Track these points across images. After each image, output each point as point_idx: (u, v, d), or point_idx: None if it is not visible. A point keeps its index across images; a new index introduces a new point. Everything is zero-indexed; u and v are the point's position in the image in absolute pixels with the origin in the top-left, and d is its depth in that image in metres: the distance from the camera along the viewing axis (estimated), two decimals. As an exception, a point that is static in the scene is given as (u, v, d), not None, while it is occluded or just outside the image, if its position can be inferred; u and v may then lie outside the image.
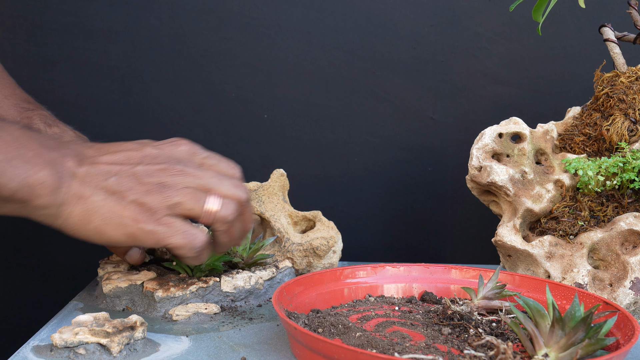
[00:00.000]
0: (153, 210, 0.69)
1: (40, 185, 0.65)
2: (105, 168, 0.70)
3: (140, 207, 0.69)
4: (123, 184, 0.69)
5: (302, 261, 0.95)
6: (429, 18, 1.21)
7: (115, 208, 0.68)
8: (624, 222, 0.83)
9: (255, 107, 1.23)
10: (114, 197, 0.69)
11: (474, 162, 0.91)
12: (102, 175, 0.69)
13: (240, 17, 1.21)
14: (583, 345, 0.58)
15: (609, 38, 0.95)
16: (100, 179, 0.69)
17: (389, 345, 0.62)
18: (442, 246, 1.27)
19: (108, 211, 0.68)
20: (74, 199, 0.68)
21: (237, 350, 0.69)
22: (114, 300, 0.81)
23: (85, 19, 1.20)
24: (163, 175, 0.71)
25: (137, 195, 0.69)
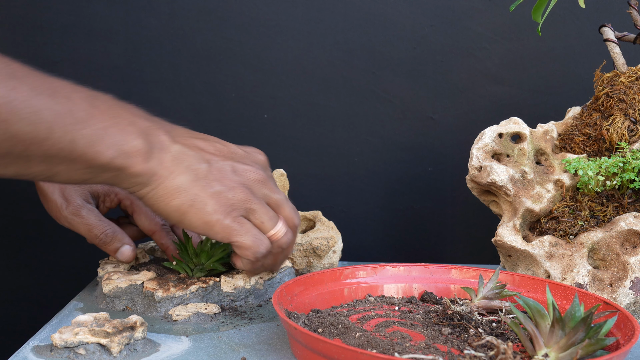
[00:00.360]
0: (233, 206, 0.71)
1: (135, 153, 0.67)
2: (198, 152, 0.72)
3: (223, 200, 0.71)
4: (212, 173, 0.71)
5: (302, 261, 0.95)
6: (429, 18, 1.21)
7: (202, 193, 0.70)
8: (624, 222, 0.83)
9: (255, 107, 1.23)
10: (202, 183, 0.70)
11: (474, 162, 0.91)
12: (195, 158, 0.71)
13: (240, 17, 1.21)
14: (583, 346, 0.58)
15: (609, 38, 0.95)
16: (192, 161, 0.71)
17: (389, 345, 0.62)
18: (442, 246, 1.27)
19: (194, 194, 0.70)
20: (166, 172, 0.69)
21: (237, 350, 0.69)
22: (114, 300, 0.81)
23: (85, 19, 1.20)
24: (247, 177, 0.74)
25: (222, 188, 0.71)
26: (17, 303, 1.29)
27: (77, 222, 0.85)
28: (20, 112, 0.59)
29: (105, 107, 0.67)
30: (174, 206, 0.70)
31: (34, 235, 1.26)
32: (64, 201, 0.85)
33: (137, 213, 0.90)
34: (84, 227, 0.85)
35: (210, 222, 0.70)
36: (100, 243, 0.86)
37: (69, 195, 0.86)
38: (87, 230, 0.85)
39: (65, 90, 0.64)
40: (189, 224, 0.71)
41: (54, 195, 0.86)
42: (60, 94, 0.63)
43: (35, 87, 0.61)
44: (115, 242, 0.86)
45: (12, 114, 0.59)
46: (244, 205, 0.72)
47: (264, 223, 0.73)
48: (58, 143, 0.62)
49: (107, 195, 0.89)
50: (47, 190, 0.86)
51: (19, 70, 0.61)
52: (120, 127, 0.67)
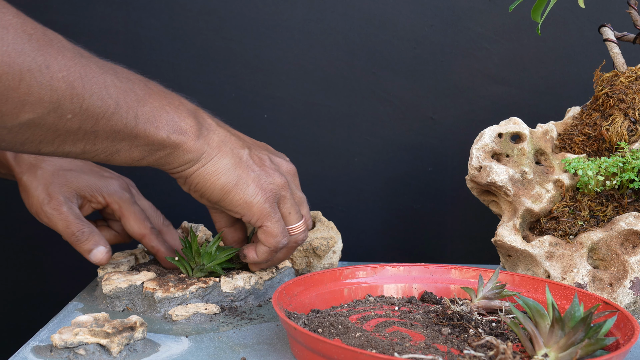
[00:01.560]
0: (268, 191, 0.77)
1: (188, 130, 0.72)
2: (239, 140, 0.77)
3: (263, 184, 0.76)
4: (252, 159, 0.77)
5: (301, 261, 0.95)
6: (429, 18, 1.21)
7: (245, 174, 0.75)
8: (624, 222, 0.83)
9: (255, 107, 1.23)
10: (244, 165, 0.76)
11: (473, 162, 0.91)
12: (237, 143, 0.77)
13: (240, 17, 1.21)
14: (583, 345, 0.58)
15: (609, 38, 0.95)
16: (235, 145, 0.76)
17: (388, 345, 0.62)
18: (442, 246, 1.27)
19: (238, 175, 0.75)
20: (214, 151, 0.74)
21: (237, 350, 0.69)
22: (114, 300, 0.81)
23: (85, 19, 1.20)
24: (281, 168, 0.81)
25: (261, 173, 0.77)
26: (17, 303, 1.29)
27: (56, 217, 0.84)
28: (92, 88, 0.63)
29: (158, 89, 0.72)
30: (220, 184, 0.74)
31: (34, 236, 1.26)
32: (47, 196, 0.85)
33: (126, 217, 0.89)
34: (62, 223, 0.84)
35: (250, 202, 0.75)
36: (75, 241, 0.85)
37: (52, 191, 0.85)
38: (64, 226, 0.84)
39: (124, 71, 0.69)
40: (230, 202, 0.76)
41: (37, 191, 0.85)
42: (121, 74, 0.68)
43: (102, 66, 0.65)
44: (90, 242, 0.85)
45: (85, 89, 0.62)
46: (279, 192, 0.78)
47: (290, 214, 0.79)
48: (124, 118, 0.66)
49: (94, 196, 0.89)
50: (30, 185, 0.86)
51: (84, 51, 0.65)
52: (173, 106, 0.72)
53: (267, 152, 0.81)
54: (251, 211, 0.76)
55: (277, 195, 0.78)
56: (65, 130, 0.63)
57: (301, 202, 0.82)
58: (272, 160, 0.80)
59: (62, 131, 0.63)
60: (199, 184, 0.75)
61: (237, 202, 0.76)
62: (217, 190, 0.75)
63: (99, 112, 0.64)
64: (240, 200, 0.75)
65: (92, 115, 0.63)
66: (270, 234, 0.78)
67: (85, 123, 0.64)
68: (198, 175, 0.74)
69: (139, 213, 0.89)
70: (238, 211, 0.77)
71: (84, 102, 0.62)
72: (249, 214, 0.76)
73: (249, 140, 0.82)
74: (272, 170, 0.78)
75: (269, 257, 0.81)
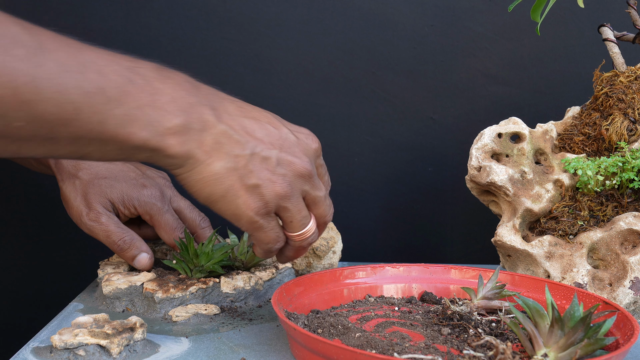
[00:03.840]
0: (267, 204, 0.68)
1: (172, 133, 0.62)
2: (244, 137, 0.67)
3: (258, 195, 0.67)
4: (253, 162, 0.67)
5: (301, 262, 0.95)
6: (429, 18, 1.21)
7: (237, 184, 0.66)
8: (624, 221, 0.83)
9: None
10: (240, 173, 0.66)
11: (473, 162, 0.91)
12: (238, 143, 0.66)
13: (240, 17, 1.21)
14: (582, 345, 0.58)
15: (608, 38, 0.95)
16: (234, 146, 0.66)
17: (388, 345, 0.62)
18: (442, 246, 1.27)
19: (229, 185, 0.66)
20: (203, 156, 0.65)
21: (237, 351, 0.69)
22: (114, 301, 0.81)
23: (85, 19, 1.20)
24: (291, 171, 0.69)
25: (260, 181, 0.67)
26: (17, 304, 1.29)
27: (97, 228, 0.86)
28: (45, 92, 0.55)
29: (144, 82, 0.62)
30: (206, 193, 0.66)
31: (34, 236, 1.26)
32: (85, 208, 0.86)
33: (157, 228, 0.90)
34: (103, 234, 0.86)
35: (238, 214, 0.68)
36: (118, 250, 0.86)
37: (91, 201, 0.86)
38: (105, 236, 0.86)
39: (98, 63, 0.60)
40: (218, 211, 0.68)
41: (76, 202, 0.87)
42: (91, 69, 0.59)
43: (64, 63, 0.57)
44: (132, 249, 0.86)
45: (36, 94, 0.55)
46: (278, 203, 0.68)
47: (292, 223, 0.71)
48: (86, 124, 0.58)
49: (127, 207, 0.89)
50: (69, 196, 0.87)
51: (49, 42, 0.57)
52: (158, 105, 0.62)
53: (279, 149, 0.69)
54: (239, 222, 0.69)
55: (276, 205, 0.69)
56: (18, 136, 0.57)
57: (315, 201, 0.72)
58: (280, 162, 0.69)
59: (14, 137, 0.57)
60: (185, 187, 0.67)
61: (225, 212, 0.68)
62: (204, 198, 0.67)
63: (55, 118, 0.56)
64: (227, 210, 0.68)
65: (47, 122, 0.56)
66: (259, 243, 0.71)
67: (39, 130, 0.57)
68: (184, 179, 0.66)
69: (170, 223, 0.89)
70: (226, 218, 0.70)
71: (34, 108, 0.55)
72: (238, 224, 0.69)
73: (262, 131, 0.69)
74: (274, 177, 0.68)
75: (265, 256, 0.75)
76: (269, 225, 0.69)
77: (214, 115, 0.66)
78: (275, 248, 0.72)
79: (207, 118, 0.65)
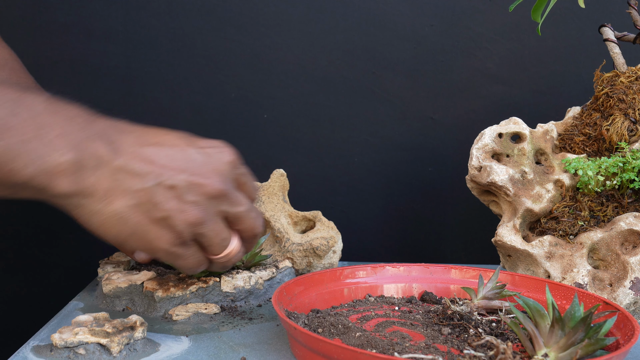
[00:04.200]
0: (180, 233, 0.63)
1: (60, 171, 0.58)
2: (145, 168, 0.62)
3: (169, 226, 0.63)
4: (159, 195, 0.62)
5: (302, 261, 0.95)
6: (429, 18, 1.21)
7: (144, 221, 0.62)
8: (624, 222, 0.83)
9: (255, 107, 1.23)
10: (145, 208, 0.62)
11: (473, 162, 0.91)
12: (139, 177, 0.61)
13: (240, 17, 1.21)
14: (583, 345, 0.58)
15: (609, 38, 0.95)
16: (134, 181, 0.61)
17: (388, 345, 0.62)
18: (442, 246, 1.27)
19: (135, 222, 0.62)
20: (102, 195, 0.60)
21: (237, 350, 0.69)
22: (114, 300, 0.81)
23: (85, 19, 1.20)
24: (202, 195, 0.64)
25: (169, 212, 0.62)
26: (17, 303, 1.29)
27: None
28: None
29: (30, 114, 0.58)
30: (112, 234, 0.62)
31: (34, 236, 1.26)
32: None
33: None
34: None
35: (152, 249, 0.64)
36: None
37: None
38: None
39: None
40: (130, 248, 0.64)
41: None
42: None
43: None
44: None
45: None
46: (192, 230, 0.64)
47: (211, 246, 0.67)
48: None
49: None
50: None
51: None
52: (45, 139, 0.57)
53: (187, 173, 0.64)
54: (156, 255, 0.65)
55: (191, 233, 0.64)
56: None
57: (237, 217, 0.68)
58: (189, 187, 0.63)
59: None
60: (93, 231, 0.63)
61: (138, 248, 0.64)
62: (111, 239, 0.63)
63: None
64: (140, 246, 0.63)
65: None
66: (181, 268, 0.68)
67: None
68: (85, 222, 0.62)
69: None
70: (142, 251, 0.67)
71: None
72: (155, 257, 0.66)
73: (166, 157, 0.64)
74: (184, 205, 0.63)
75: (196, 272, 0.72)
76: (188, 252, 0.66)
77: (109, 149, 0.61)
78: (197, 271, 0.70)
79: (102, 153, 0.60)
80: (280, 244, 0.95)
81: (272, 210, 0.96)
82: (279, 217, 0.96)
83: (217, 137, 1.26)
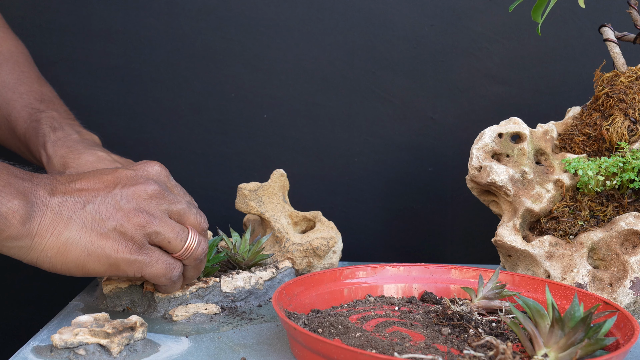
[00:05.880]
0: (134, 238, 0.67)
1: (12, 215, 0.62)
2: (80, 195, 0.67)
3: (121, 235, 0.67)
4: (100, 211, 0.67)
5: (302, 261, 0.95)
6: (429, 18, 1.21)
7: (95, 238, 0.66)
8: (624, 222, 0.83)
9: (255, 107, 1.23)
10: (92, 226, 0.66)
11: (473, 162, 0.91)
12: (77, 204, 0.66)
13: (240, 17, 1.21)
14: (582, 345, 0.58)
15: (609, 38, 0.95)
16: (75, 207, 0.66)
17: (388, 345, 0.62)
18: (442, 246, 1.27)
19: (87, 242, 0.66)
20: (49, 230, 0.65)
21: (237, 350, 0.69)
22: (114, 300, 0.81)
23: (85, 19, 1.20)
24: (140, 198, 0.69)
25: (115, 222, 0.67)
26: (18, 303, 1.29)
27: None
28: None
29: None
30: (72, 262, 0.66)
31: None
32: None
33: None
34: None
35: (115, 263, 0.67)
36: None
37: None
38: None
39: None
40: (96, 272, 0.67)
41: None
42: None
43: None
44: None
45: None
46: (144, 231, 0.68)
47: (171, 242, 0.70)
48: None
49: None
50: None
51: None
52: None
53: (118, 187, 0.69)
54: (121, 270, 0.68)
55: (144, 235, 0.68)
56: None
57: (181, 214, 0.72)
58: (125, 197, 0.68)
59: None
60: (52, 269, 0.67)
61: (101, 269, 0.67)
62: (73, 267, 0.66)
63: None
64: (102, 266, 0.67)
65: None
66: (155, 278, 0.70)
67: None
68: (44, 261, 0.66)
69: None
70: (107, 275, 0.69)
71: None
72: (121, 273, 0.68)
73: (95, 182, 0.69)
74: (126, 213, 0.67)
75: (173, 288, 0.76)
76: (151, 258, 0.69)
77: (47, 191, 0.66)
78: (173, 277, 0.71)
79: (42, 195, 0.65)
80: (280, 244, 0.95)
81: (272, 210, 0.96)
82: (279, 217, 0.96)
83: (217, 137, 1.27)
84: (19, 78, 0.99)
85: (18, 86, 0.98)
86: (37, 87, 1.00)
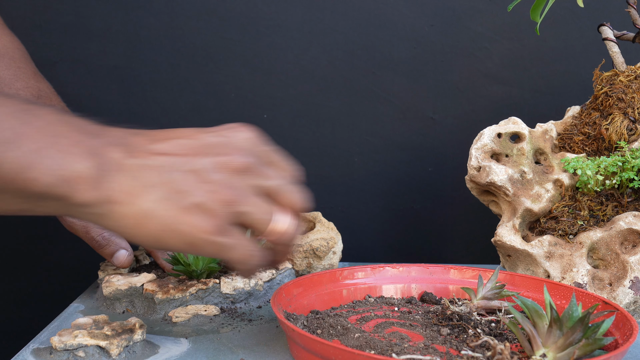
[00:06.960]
0: (216, 217, 0.58)
1: (80, 179, 0.55)
2: (161, 160, 0.59)
3: (202, 212, 0.58)
4: (183, 182, 0.58)
5: (302, 262, 0.95)
6: (429, 18, 1.21)
7: (174, 212, 0.58)
8: (624, 221, 0.83)
9: (255, 107, 1.23)
10: (173, 198, 0.58)
11: (473, 162, 0.91)
12: (158, 170, 0.58)
13: (240, 17, 1.21)
14: (581, 345, 0.58)
15: (608, 37, 0.95)
16: (155, 175, 0.58)
17: (387, 346, 0.62)
18: (442, 246, 1.27)
19: (165, 215, 0.57)
20: (125, 198, 0.57)
21: (236, 352, 0.69)
22: (114, 302, 0.81)
23: (85, 19, 1.20)
24: (227, 170, 0.60)
25: (199, 198, 0.58)
26: (18, 305, 1.29)
27: (77, 224, 0.86)
28: None
29: (42, 123, 0.55)
30: (149, 235, 0.58)
31: (35, 238, 1.26)
32: None
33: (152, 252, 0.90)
34: (82, 230, 0.86)
35: (193, 242, 0.59)
36: (96, 246, 0.86)
37: None
38: (84, 232, 0.86)
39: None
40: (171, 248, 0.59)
41: None
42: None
43: None
44: (111, 245, 0.86)
45: None
46: (229, 210, 0.59)
47: (256, 224, 0.61)
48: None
49: None
50: None
51: None
52: (60, 147, 0.55)
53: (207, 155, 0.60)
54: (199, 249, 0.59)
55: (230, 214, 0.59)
56: None
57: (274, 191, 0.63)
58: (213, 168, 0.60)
59: None
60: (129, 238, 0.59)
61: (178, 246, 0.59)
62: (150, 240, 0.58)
63: None
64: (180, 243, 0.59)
65: None
66: (236, 264, 0.62)
67: None
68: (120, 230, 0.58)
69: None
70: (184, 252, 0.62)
71: None
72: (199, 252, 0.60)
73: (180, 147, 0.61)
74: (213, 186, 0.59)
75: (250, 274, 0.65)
76: (235, 241, 0.60)
77: (123, 152, 0.58)
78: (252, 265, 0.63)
79: (117, 157, 0.58)
80: (280, 245, 0.95)
81: (272, 210, 0.96)
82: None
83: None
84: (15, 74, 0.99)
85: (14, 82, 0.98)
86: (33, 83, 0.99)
